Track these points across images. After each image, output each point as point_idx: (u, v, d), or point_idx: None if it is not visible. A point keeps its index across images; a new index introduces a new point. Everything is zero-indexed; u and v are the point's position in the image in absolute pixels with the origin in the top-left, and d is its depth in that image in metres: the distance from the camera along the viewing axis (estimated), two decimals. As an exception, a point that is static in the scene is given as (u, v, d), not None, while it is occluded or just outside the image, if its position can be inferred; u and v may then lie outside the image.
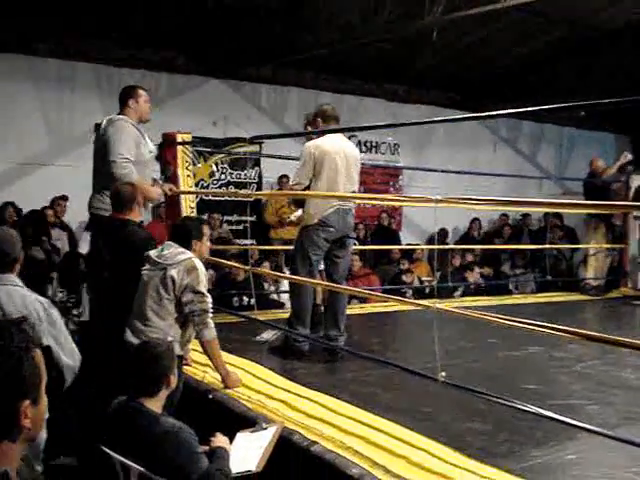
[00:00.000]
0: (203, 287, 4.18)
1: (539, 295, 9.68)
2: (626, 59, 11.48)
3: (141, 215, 5.00)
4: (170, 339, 3.90)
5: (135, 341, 3.99)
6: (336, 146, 5.39)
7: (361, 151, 12.14)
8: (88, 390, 4.18)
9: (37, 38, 9.28)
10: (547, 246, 9.99)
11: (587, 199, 8.97)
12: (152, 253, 4.31)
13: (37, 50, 9.38)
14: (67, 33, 9.33)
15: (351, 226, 5.57)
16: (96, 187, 5.37)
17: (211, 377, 4.56)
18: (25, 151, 9.40)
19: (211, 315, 4.23)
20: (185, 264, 4.16)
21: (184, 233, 4.36)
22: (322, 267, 5.80)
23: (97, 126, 5.51)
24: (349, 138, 11.80)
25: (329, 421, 3.79)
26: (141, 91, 5.57)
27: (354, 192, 5.57)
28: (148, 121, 5.60)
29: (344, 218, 5.41)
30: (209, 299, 4.22)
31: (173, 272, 4.12)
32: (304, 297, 5.40)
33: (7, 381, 1.47)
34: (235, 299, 7.82)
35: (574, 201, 5.95)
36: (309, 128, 5.86)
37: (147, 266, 4.28)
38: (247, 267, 6.44)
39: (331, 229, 5.34)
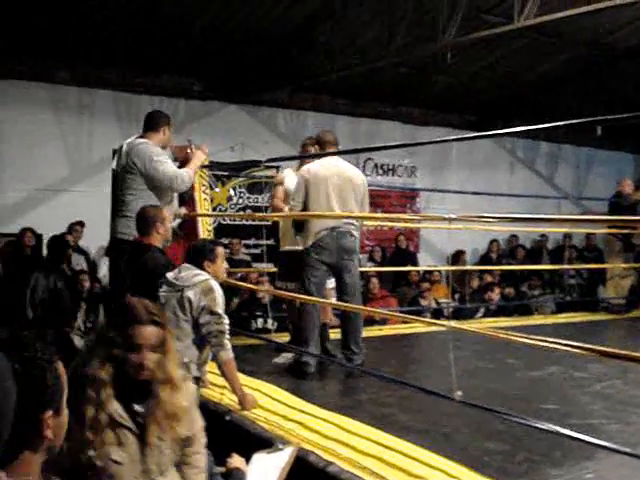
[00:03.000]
0: (220, 308, 4.19)
1: (559, 316, 9.61)
2: (640, 78, 11.49)
3: (165, 238, 4.93)
4: (187, 360, 3.91)
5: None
6: (330, 169, 5.44)
7: (377, 174, 12.21)
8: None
9: (57, 66, 9.44)
10: (565, 266, 9.95)
11: (612, 219, 8.91)
12: (169, 275, 4.34)
13: (57, 78, 9.54)
14: (86, 61, 9.48)
15: (349, 248, 5.45)
16: (120, 211, 5.40)
17: (228, 399, 4.56)
18: (44, 177, 9.53)
19: (228, 337, 4.24)
20: (202, 285, 4.18)
21: (196, 254, 4.39)
22: (332, 285, 5.81)
23: (115, 152, 5.53)
24: (365, 161, 11.85)
25: (345, 442, 3.77)
26: (169, 123, 5.59)
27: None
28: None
29: (338, 240, 5.38)
30: (226, 320, 4.23)
31: (190, 293, 4.14)
32: (307, 317, 5.40)
33: (31, 391, 1.48)
34: (260, 320, 7.87)
35: (588, 217, 5.89)
36: (311, 150, 5.88)
37: (164, 288, 4.30)
38: (263, 288, 6.45)
39: (325, 251, 5.37)
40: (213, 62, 9.92)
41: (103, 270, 9.11)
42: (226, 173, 10.12)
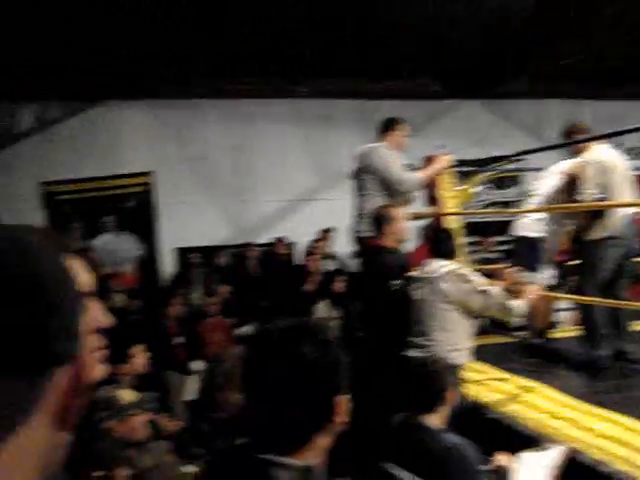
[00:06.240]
0: (482, 285, 4.15)
1: None
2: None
3: (397, 237, 4.80)
4: (458, 347, 3.92)
5: (419, 355, 4.04)
6: (615, 158, 5.36)
7: (630, 159, 11.41)
8: (362, 408, 4.22)
9: (296, 81, 9.84)
10: None
11: None
12: (414, 273, 4.42)
13: (298, 92, 9.95)
14: (324, 74, 9.79)
15: (634, 233, 5.32)
16: (358, 211, 5.52)
17: (486, 394, 4.46)
18: (294, 188, 9.97)
19: (512, 302, 4.13)
20: (452, 274, 4.19)
21: (440, 243, 4.45)
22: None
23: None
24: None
25: (620, 439, 3.50)
26: (400, 125, 5.68)
27: None
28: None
29: (630, 227, 5.21)
30: (495, 290, 4.14)
31: (442, 284, 4.16)
32: (596, 316, 5.13)
33: (327, 373, 1.49)
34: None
35: None
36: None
37: (413, 285, 4.33)
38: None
39: (625, 241, 5.17)
40: (447, 61, 9.82)
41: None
42: (471, 169, 9.97)
